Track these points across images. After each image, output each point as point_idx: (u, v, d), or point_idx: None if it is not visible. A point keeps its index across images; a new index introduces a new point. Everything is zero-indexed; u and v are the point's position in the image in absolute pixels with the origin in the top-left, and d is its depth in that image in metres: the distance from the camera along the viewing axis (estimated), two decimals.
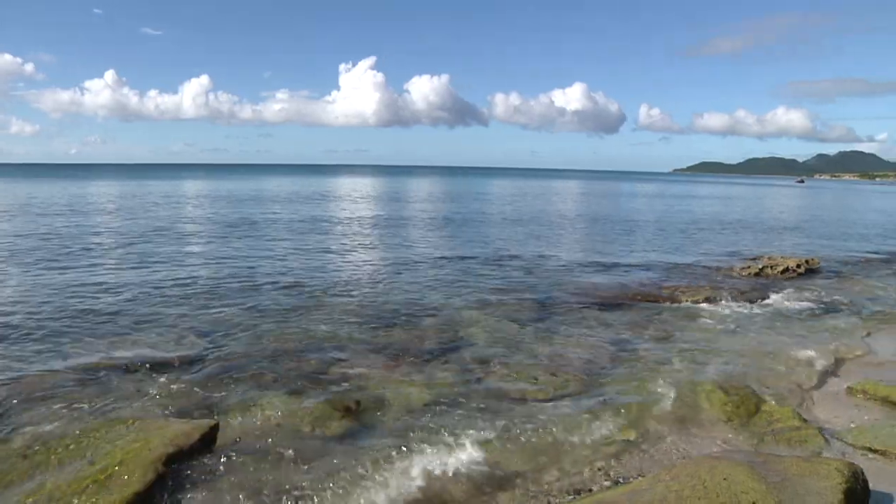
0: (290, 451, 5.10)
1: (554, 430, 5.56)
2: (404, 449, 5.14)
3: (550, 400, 6.31)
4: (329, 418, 5.76)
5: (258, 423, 5.61)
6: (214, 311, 9.69)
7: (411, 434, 5.44)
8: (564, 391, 6.55)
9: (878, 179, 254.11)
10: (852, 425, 5.81)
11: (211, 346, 7.89)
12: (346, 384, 6.65)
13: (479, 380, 6.85)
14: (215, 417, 5.54)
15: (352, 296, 10.98)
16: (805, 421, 5.86)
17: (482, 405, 6.11)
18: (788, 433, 5.62)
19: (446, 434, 5.43)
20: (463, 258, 15.93)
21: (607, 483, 4.73)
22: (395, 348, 7.97)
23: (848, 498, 4.18)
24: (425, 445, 5.21)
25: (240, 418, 5.69)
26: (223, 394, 6.29)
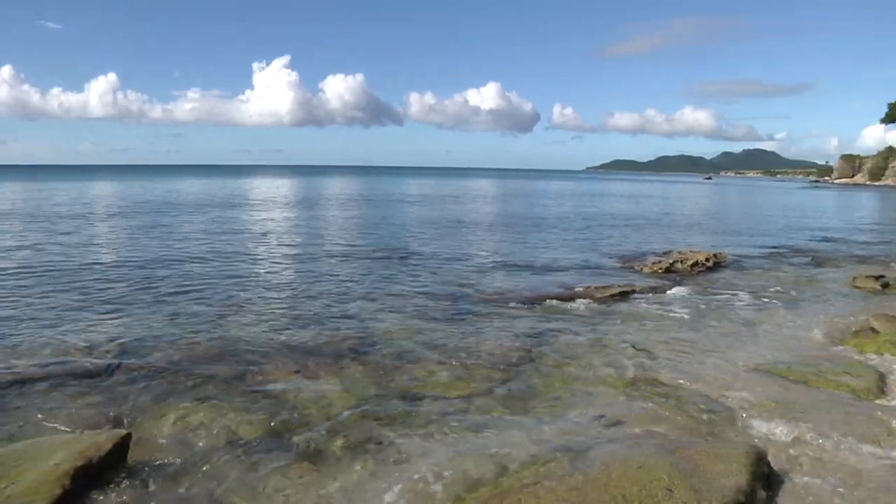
0: (207, 460, 5.03)
1: (474, 428, 5.71)
2: (324, 455, 5.17)
3: (469, 397, 6.45)
4: (246, 425, 5.71)
5: (173, 431, 5.52)
6: (124, 318, 9.38)
7: (331, 439, 5.47)
8: (483, 390, 6.71)
9: (778, 176, 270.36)
10: (755, 400, 6.30)
11: (122, 354, 7.65)
12: (263, 389, 6.60)
13: (396, 381, 6.94)
14: (128, 428, 5.39)
15: (267, 300, 10.85)
16: (715, 403, 6.30)
17: (400, 406, 6.21)
18: (697, 413, 6.02)
19: (367, 438, 5.48)
20: (377, 259, 16.01)
21: (526, 472, 4.91)
22: (312, 352, 7.96)
23: (753, 478, 4.53)
24: (346, 450, 5.24)
25: (154, 428, 5.58)
26: (136, 403, 6.13)
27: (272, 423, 5.75)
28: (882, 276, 13.06)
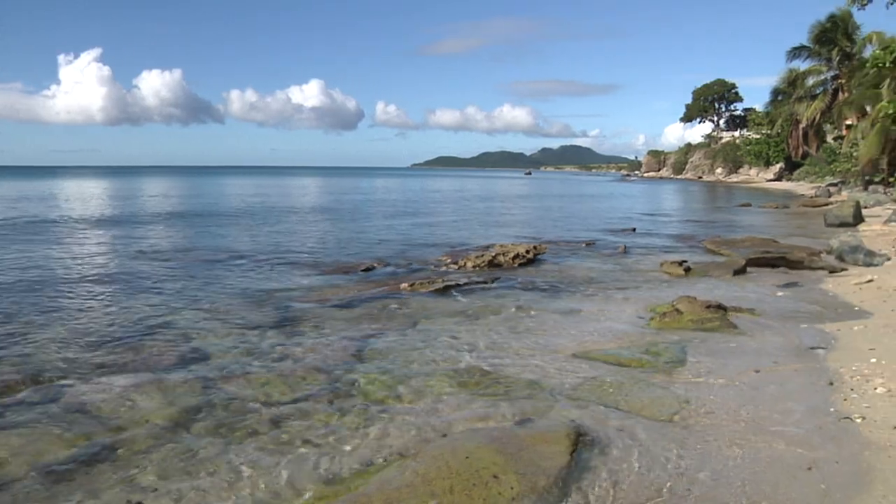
0: (13, 492, 4.64)
1: (301, 436, 5.67)
2: (145, 471, 4.94)
3: (296, 404, 6.38)
4: (58, 449, 5.33)
5: None
6: None
7: (150, 455, 5.23)
8: (309, 396, 6.65)
9: (593, 171, 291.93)
10: (576, 384, 6.83)
11: None
12: (77, 411, 6.14)
13: (220, 391, 6.71)
14: None
15: (77, 315, 9.97)
16: (537, 387, 6.74)
17: (224, 417, 6.05)
18: (522, 400, 6.39)
19: (188, 452, 5.30)
20: (197, 264, 15.32)
21: (356, 469, 4.97)
22: (130, 366, 7.50)
23: (573, 456, 4.93)
24: (166, 467, 5.04)
25: None
26: None
27: (87, 446, 5.39)
28: (685, 262, 14.50)
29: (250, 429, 5.79)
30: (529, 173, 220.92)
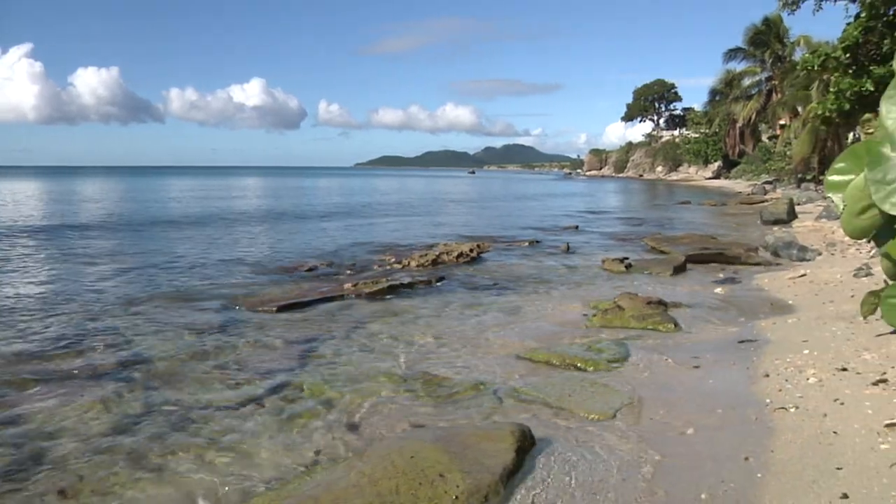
0: None
1: (249, 437, 5.65)
2: (84, 484, 4.80)
3: (240, 410, 6.30)
4: None
5: None
6: None
7: (89, 465, 5.11)
8: (252, 395, 6.61)
9: (536, 169, 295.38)
10: (520, 384, 6.88)
11: None
12: (9, 422, 5.93)
13: (162, 398, 6.57)
14: None
15: (9, 320, 9.63)
16: (482, 387, 6.81)
17: (166, 425, 5.93)
18: (468, 401, 6.46)
19: (128, 461, 5.18)
20: (130, 268, 14.93)
21: (302, 471, 4.98)
22: (68, 374, 7.27)
23: (518, 454, 4.96)
24: (105, 477, 4.92)
25: None
26: None
27: (19, 460, 5.20)
28: (626, 259, 14.81)
29: (191, 434, 5.71)
30: (473, 172, 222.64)
